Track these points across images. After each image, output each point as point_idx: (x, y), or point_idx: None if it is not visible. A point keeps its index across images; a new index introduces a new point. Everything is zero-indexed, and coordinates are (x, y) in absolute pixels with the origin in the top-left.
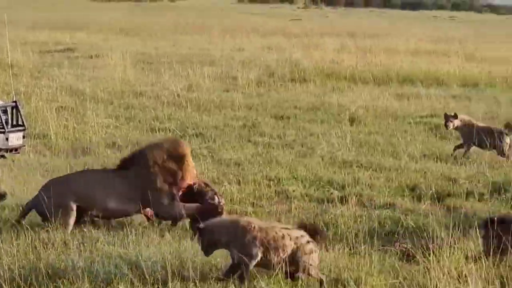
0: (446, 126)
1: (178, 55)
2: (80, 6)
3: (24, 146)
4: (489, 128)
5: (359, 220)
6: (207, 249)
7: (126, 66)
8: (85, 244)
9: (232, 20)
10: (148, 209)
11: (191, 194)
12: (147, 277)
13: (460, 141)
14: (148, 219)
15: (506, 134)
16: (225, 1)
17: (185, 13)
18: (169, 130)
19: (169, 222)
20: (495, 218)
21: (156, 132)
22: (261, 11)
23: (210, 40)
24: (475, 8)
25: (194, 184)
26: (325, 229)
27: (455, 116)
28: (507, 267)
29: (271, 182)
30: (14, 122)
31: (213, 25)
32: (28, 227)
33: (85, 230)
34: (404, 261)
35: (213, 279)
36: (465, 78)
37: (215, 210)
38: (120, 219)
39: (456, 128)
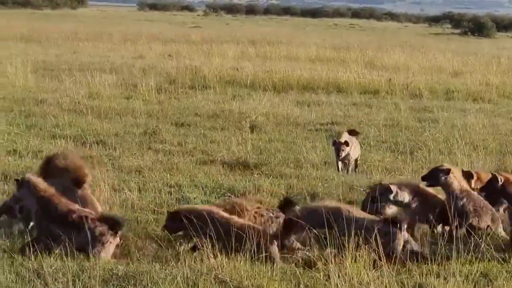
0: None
1: (79, 62)
2: None
3: None
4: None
5: None
6: None
7: (27, 73)
8: None
9: (133, 27)
10: None
11: None
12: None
13: None
14: None
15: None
16: (125, 8)
17: (86, 21)
18: (70, 137)
19: None
20: None
21: (57, 139)
22: (162, 18)
23: (110, 47)
24: (375, 16)
25: None
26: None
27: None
28: (407, 273)
29: (172, 189)
30: None
31: (113, 32)
32: None
33: None
34: (306, 268)
35: None
36: (366, 85)
37: None
38: None
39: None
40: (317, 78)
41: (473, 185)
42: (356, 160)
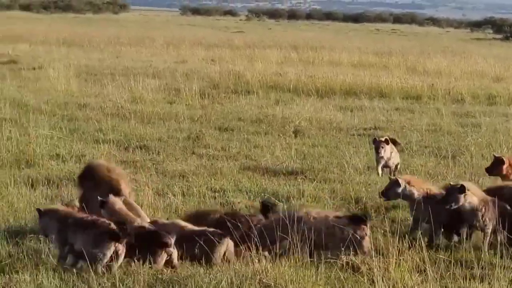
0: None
1: (122, 66)
2: (15, 17)
3: None
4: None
5: None
6: None
7: (69, 77)
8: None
9: (175, 32)
10: None
11: None
12: None
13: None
14: None
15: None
16: (168, 13)
17: (128, 25)
18: (113, 141)
19: None
20: None
21: (100, 144)
22: (204, 23)
23: (153, 52)
24: (417, 21)
25: None
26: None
27: (387, 142)
28: (451, 277)
29: (216, 194)
30: None
31: (156, 37)
32: None
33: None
34: (350, 273)
35: None
36: (408, 90)
37: None
38: None
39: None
40: (360, 83)
41: (504, 172)
42: (396, 166)
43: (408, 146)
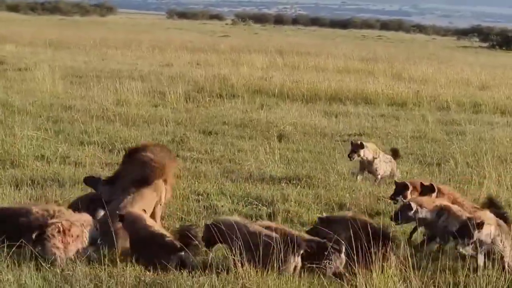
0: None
1: (107, 69)
2: (1, 18)
3: None
4: None
5: None
6: None
7: (55, 79)
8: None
9: (162, 35)
10: None
11: None
12: None
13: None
14: None
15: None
16: (154, 16)
17: (115, 28)
18: (98, 143)
19: None
20: None
21: (85, 145)
22: (191, 27)
23: (139, 55)
24: (404, 28)
25: None
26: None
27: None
28: (436, 285)
29: (200, 197)
30: None
31: (142, 40)
32: None
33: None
34: (333, 279)
35: None
36: (393, 97)
37: None
38: None
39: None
40: (345, 89)
41: (409, 197)
42: (382, 178)
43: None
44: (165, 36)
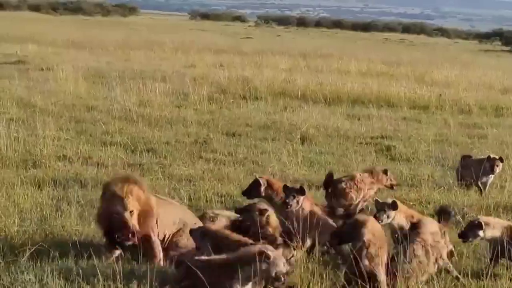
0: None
1: (130, 70)
2: (25, 18)
3: None
4: None
5: None
6: None
7: (78, 79)
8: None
9: (184, 36)
10: None
11: None
12: None
13: None
14: None
15: None
16: (177, 17)
17: (138, 29)
18: (120, 144)
19: None
20: None
21: (107, 146)
22: (213, 28)
23: (162, 56)
24: (426, 31)
25: None
26: None
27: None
28: None
29: (223, 199)
30: None
31: (165, 41)
32: None
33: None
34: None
35: None
36: (416, 100)
37: None
38: None
39: None
40: (368, 92)
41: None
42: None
43: (415, 155)
44: (188, 37)
